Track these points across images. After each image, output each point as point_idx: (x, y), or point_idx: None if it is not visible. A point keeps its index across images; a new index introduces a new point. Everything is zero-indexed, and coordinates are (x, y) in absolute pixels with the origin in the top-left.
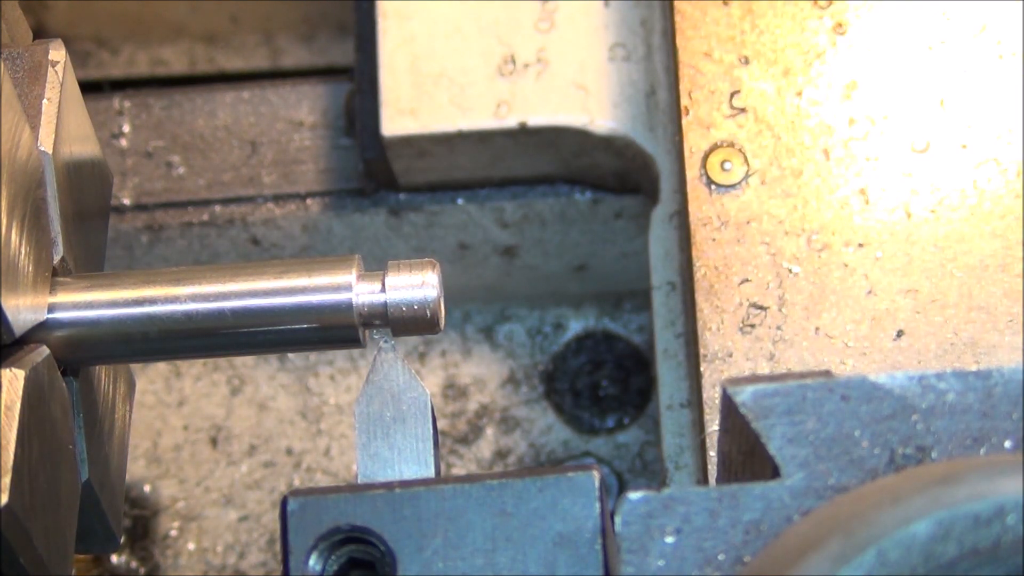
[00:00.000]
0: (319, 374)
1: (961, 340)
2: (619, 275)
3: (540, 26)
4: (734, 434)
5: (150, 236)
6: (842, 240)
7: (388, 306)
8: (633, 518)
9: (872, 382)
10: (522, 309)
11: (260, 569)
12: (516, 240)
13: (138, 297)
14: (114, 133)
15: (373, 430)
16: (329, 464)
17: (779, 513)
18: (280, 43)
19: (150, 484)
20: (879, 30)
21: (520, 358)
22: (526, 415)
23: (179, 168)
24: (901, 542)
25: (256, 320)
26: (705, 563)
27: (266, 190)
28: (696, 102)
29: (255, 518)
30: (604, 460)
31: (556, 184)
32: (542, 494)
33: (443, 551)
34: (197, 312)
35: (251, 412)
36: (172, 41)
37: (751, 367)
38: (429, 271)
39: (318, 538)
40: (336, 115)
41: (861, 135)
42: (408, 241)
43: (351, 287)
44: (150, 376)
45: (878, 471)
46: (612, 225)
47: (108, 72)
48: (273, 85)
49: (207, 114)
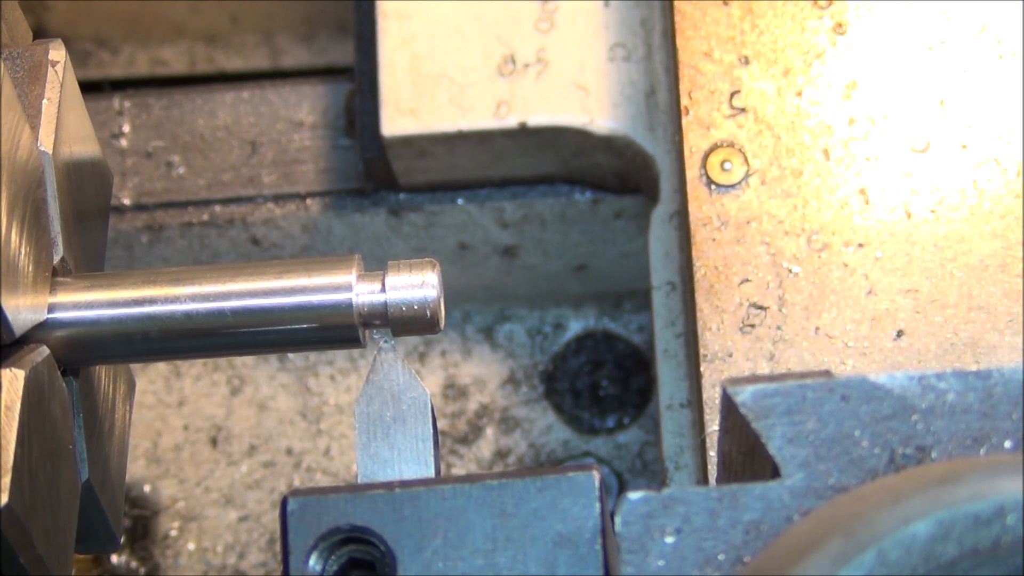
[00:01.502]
0: (319, 374)
1: (961, 340)
2: (619, 275)
3: (540, 26)
4: (734, 434)
5: (150, 236)
6: (842, 240)
7: (388, 306)
8: (633, 518)
9: (872, 382)
10: (522, 309)
11: (260, 569)
12: (516, 240)
13: (138, 297)
14: (114, 133)
15: (373, 430)
16: (329, 464)
17: (779, 513)
18: (280, 43)
19: (150, 484)
20: (879, 30)
21: (520, 358)
22: (526, 415)
23: (179, 168)
24: (901, 542)
25: (256, 320)
26: (705, 563)
27: (266, 190)
28: (696, 102)
29: (255, 518)
30: (604, 460)
31: (556, 184)
32: (542, 494)
33: (443, 551)
34: (197, 312)
35: (251, 412)
36: (172, 41)
37: (751, 367)
38: (429, 271)
39: (318, 538)
40: (336, 115)
41: (861, 135)
42: (408, 241)
43: (351, 287)
44: (150, 376)
45: (878, 471)
46: (612, 225)
47: (108, 72)
48: (273, 85)
49: (207, 114)
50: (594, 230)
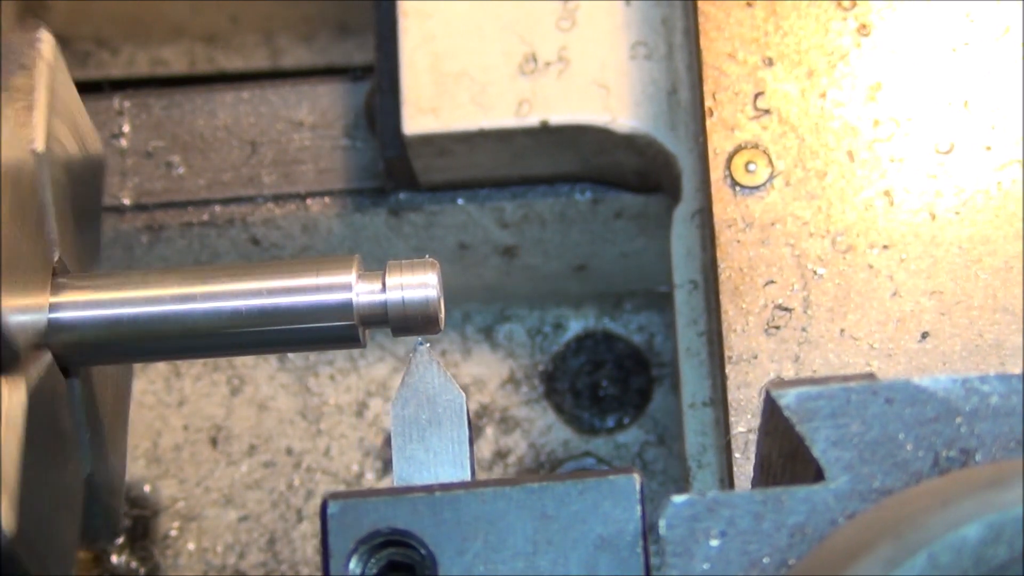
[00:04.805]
0: (319, 374)
1: (986, 342)
2: (619, 275)
3: (561, 24)
4: (775, 437)
5: (150, 236)
6: (867, 242)
7: (388, 306)
8: (678, 521)
9: (916, 385)
10: (522, 309)
11: (260, 569)
12: (516, 240)
13: (138, 297)
14: (114, 133)
15: (409, 433)
16: (329, 464)
17: (824, 516)
18: (280, 43)
19: (150, 484)
20: (903, 31)
21: (520, 358)
22: (526, 415)
23: (179, 168)
24: (952, 545)
25: (256, 320)
26: (750, 566)
27: (266, 190)
28: (720, 103)
29: (255, 518)
30: (604, 460)
31: (556, 184)
32: (583, 497)
33: (484, 554)
34: (197, 312)
35: (251, 412)
36: (172, 41)
37: (776, 369)
38: (429, 271)
39: (358, 541)
40: (336, 115)
41: (885, 136)
42: (408, 241)
43: (351, 287)
44: (150, 376)
45: (922, 474)
46: (612, 225)
47: (108, 72)
48: (273, 85)
49: (207, 114)
50: (594, 230)
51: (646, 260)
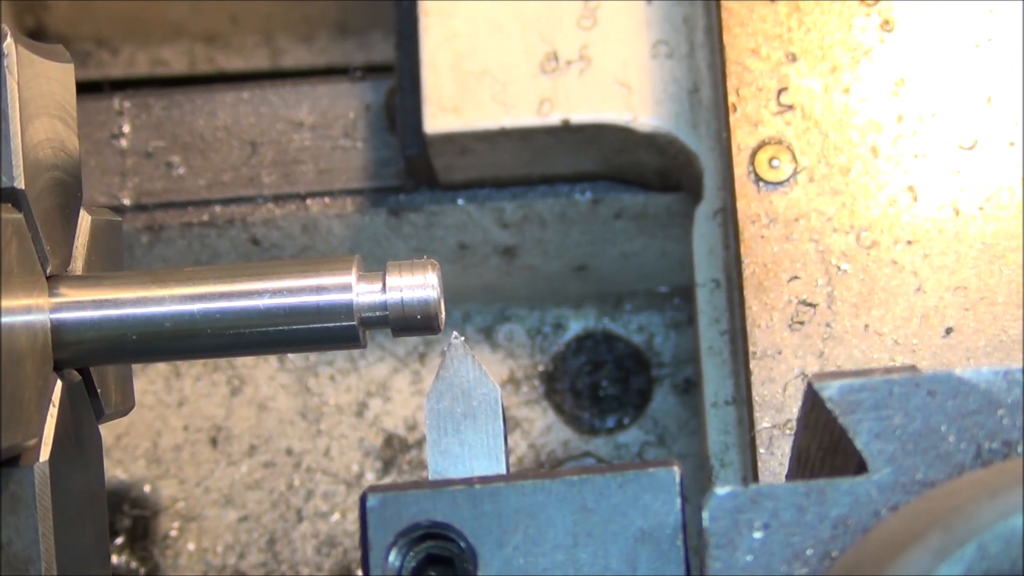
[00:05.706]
0: (319, 374)
1: (1010, 337)
2: (619, 275)
3: (583, 23)
4: (815, 429)
5: (150, 236)
6: (891, 237)
7: (388, 306)
8: (721, 513)
9: (958, 377)
10: (522, 309)
11: (260, 569)
12: (516, 240)
13: (138, 297)
14: (114, 133)
15: (444, 426)
16: (329, 464)
17: (867, 508)
18: (280, 43)
19: (150, 484)
20: (926, 27)
21: (520, 358)
22: (526, 415)
23: (179, 168)
24: (1001, 535)
25: (256, 320)
26: (793, 558)
27: (266, 190)
28: (744, 99)
29: (255, 518)
30: (604, 460)
31: (556, 184)
32: (623, 490)
33: (524, 547)
34: (197, 312)
35: (251, 412)
36: (172, 41)
37: (800, 364)
38: (429, 271)
39: (398, 534)
40: (336, 115)
41: (909, 132)
42: (408, 241)
43: (351, 287)
44: (150, 376)
45: (964, 466)
46: (612, 225)
47: (108, 72)
48: (273, 85)
49: (207, 114)
50: (594, 230)
51: (646, 260)
